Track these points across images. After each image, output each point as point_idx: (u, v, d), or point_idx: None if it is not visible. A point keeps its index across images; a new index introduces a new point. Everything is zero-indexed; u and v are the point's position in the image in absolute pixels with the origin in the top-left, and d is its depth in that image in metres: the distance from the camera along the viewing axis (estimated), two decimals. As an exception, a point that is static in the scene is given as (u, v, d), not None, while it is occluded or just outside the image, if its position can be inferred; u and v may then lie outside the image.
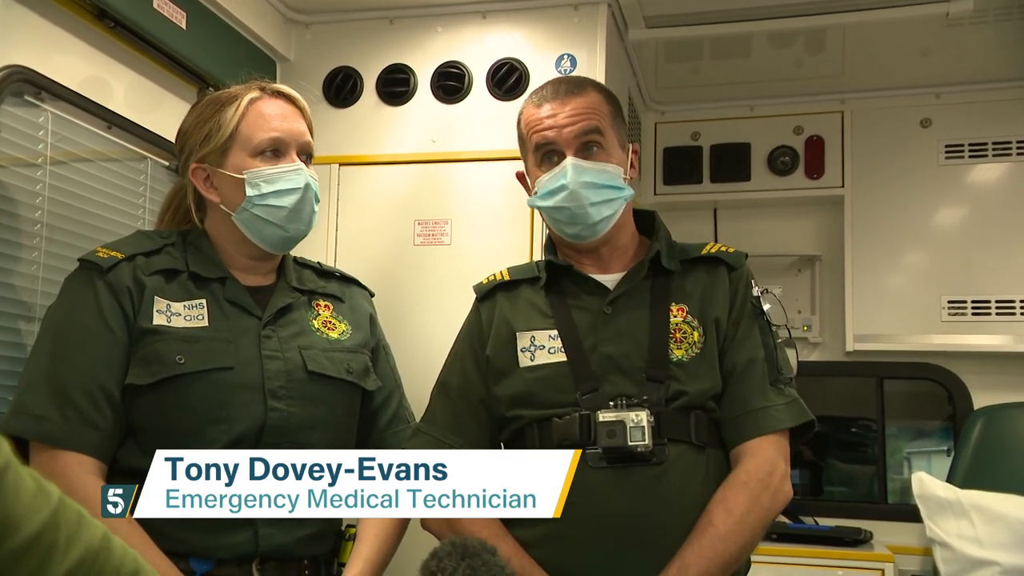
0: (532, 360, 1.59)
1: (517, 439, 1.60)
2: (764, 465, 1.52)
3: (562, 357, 1.57)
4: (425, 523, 1.57)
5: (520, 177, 1.73)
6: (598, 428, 1.49)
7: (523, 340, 1.61)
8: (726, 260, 1.66)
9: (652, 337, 1.57)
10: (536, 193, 1.64)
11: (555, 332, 1.60)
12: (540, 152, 1.62)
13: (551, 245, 1.72)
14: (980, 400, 3.12)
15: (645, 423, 1.48)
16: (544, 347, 1.59)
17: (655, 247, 1.66)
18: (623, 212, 1.64)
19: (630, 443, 1.47)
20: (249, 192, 1.58)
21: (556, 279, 1.67)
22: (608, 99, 1.66)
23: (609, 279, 1.65)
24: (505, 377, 1.61)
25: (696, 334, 1.59)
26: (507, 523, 1.54)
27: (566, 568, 1.50)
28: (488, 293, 1.71)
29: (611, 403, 1.51)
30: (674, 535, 1.48)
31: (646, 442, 1.47)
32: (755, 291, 1.64)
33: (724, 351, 1.60)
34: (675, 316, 1.60)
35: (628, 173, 1.64)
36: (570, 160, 1.59)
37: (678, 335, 1.58)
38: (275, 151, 1.60)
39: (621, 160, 1.63)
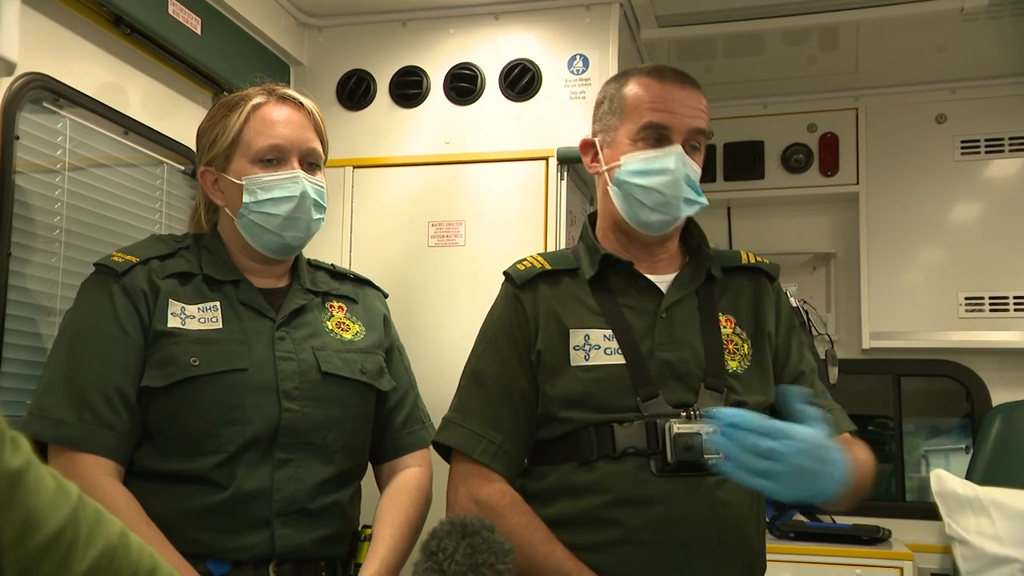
0: (587, 360, 1.52)
1: (569, 441, 1.52)
2: (869, 457, 1.53)
3: (619, 359, 1.51)
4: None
5: (585, 145, 1.65)
6: (676, 440, 1.45)
7: (576, 337, 1.54)
8: (767, 271, 1.65)
9: (707, 346, 1.55)
10: (622, 167, 1.56)
11: (610, 332, 1.53)
12: (648, 129, 1.55)
13: (591, 236, 1.65)
14: (999, 397, 3.09)
15: None
16: (599, 347, 1.53)
17: (707, 253, 1.63)
18: None
19: (706, 455, 1.44)
20: (246, 199, 1.60)
21: (603, 274, 1.60)
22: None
23: (660, 280, 1.60)
24: (557, 375, 1.53)
25: (746, 347, 1.58)
26: (561, 527, 1.49)
27: (626, 574, 1.47)
28: (529, 281, 1.60)
29: (682, 413, 1.48)
30: (732, 542, 1.49)
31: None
32: (793, 302, 1.63)
33: (783, 362, 1.60)
34: (724, 327, 1.58)
35: None
36: (679, 149, 1.54)
37: (730, 347, 1.56)
38: (275, 158, 1.60)
39: None
